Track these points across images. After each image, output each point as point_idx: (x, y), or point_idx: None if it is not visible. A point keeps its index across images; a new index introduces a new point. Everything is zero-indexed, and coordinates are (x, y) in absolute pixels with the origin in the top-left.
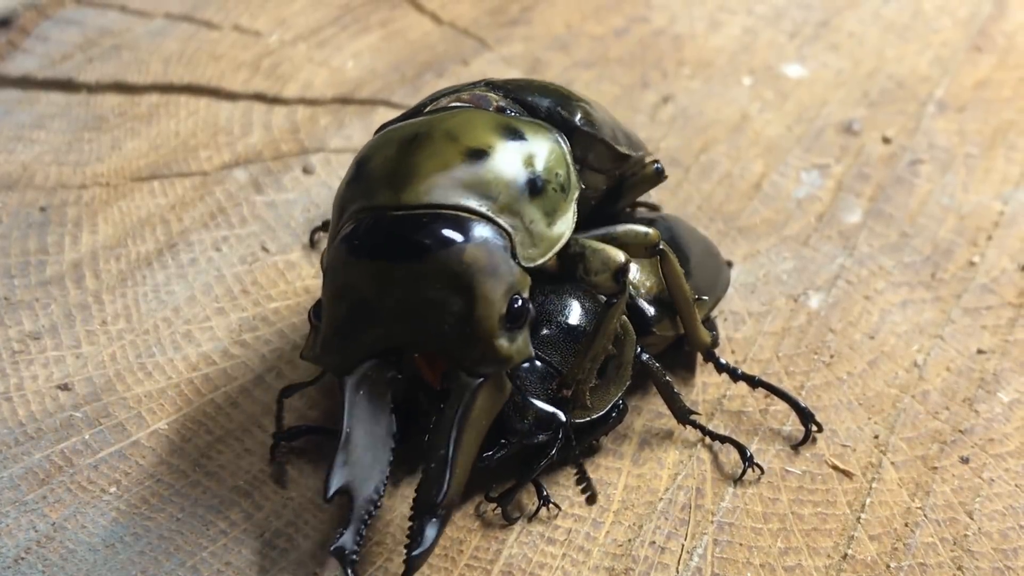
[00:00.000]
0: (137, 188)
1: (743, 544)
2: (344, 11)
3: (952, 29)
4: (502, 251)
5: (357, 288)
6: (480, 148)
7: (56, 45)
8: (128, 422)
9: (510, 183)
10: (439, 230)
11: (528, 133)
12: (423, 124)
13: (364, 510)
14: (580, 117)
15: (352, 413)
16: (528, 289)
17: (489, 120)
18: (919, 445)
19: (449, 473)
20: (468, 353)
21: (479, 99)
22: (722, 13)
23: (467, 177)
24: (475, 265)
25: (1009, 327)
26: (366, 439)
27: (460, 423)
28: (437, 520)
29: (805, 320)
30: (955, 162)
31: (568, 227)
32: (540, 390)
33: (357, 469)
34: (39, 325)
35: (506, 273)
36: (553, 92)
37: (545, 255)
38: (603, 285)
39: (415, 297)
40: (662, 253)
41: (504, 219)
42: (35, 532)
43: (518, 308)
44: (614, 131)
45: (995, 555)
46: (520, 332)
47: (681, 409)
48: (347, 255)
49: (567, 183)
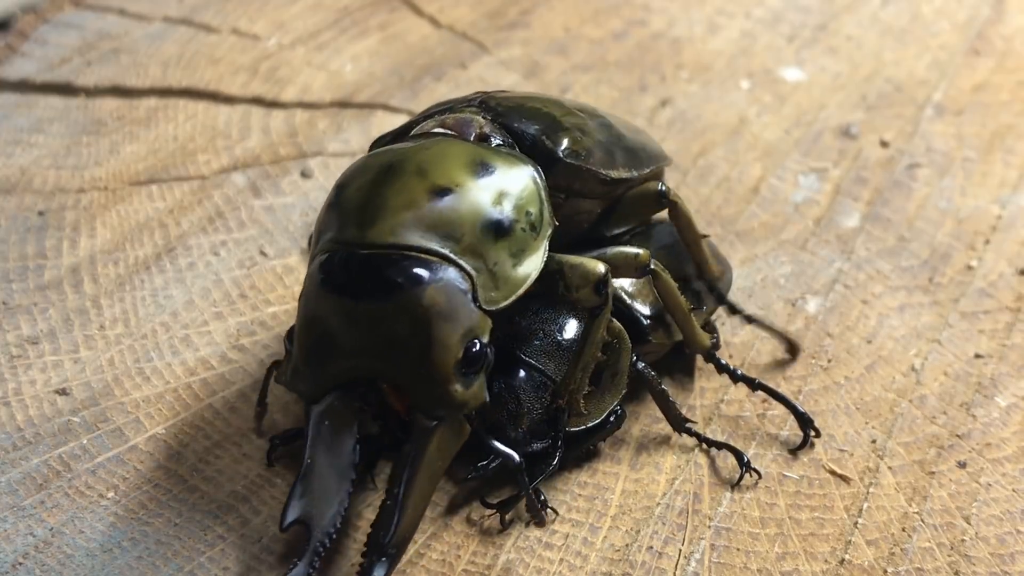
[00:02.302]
0: (135, 192)
1: (740, 549)
2: (342, 14)
3: (950, 33)
4: (461, 295)
5: (324, 321)
6: (447, 187)
7: (54, 49)
8: (126, 427)
9: (475, 223)
10: (400, 272)
11: (501, 169)
12: (399, 154)
13: (319, 541)
14: (565, 147)
15: (315, 443)
16: (489, 332)
17: (462, 155)
18: (916, 450)
19: (399, 514)
20: (424, 395)
21: (463, 124)
22: (720, 17)
23: (432, 217)
24: (433, 309)
25: (1007, 331)
26: (327, 469)
27: (413, 464)
28: (386, 561)
29: (803, 324)
30: (953, 166)
31: (536, 267)
32: (535, 399)
33: (316, 500)
34: (37, 330)
35: (464, 317)
36: (545, 116)
37: (508, 298)
38: (585, 299)
39: (375, 336)
40: (654, 272)
41: (467, 261)
42: (33, 537)
43: (475, 353)
44: (610, 154)
45: (992, 560)
46: (476, 377)
47: (677, 417)
48: (317, 287)
49: (538, 222)
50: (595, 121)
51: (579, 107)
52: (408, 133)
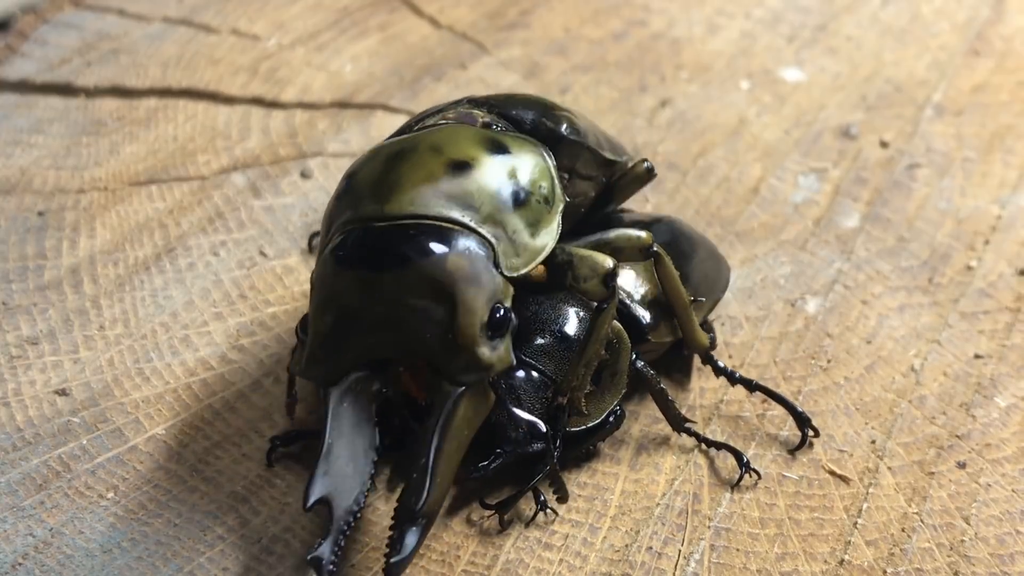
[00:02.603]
0: (135, 193)
1: (740, 549)
2: (342, 15)
3: (950, 33)
4: (484, 260)
5: (343, 299)
6: (464, 160)
7: (54, 49)
8: (126, 427)
9: (493, 194)
10: (422, 240)
11: (512, 147)
12: (409, 140)
13: (343, 520)
14: (565, 127)
15: (335, 424)
16: (511, 298)
17: (473, 134)
18: (916, 450)
19: (429, 481)
20: (450, 361)
21: (465, 116)
22: (720, 17)
23: (450, 188)
24: (457, 274)
25: (1006, 332)
26: (348, 450)
27: (441, 431)
28: (417, 528)
29: (802, 325)
30: (952, 166)
31: (552, 238)
32: (536, 399)
33: (338, 480)
34: (37, 330)
35: (488, 282)
36: (536, 105)
37: (528, 264)
38: (593, 291)
39: (399, 306)
40: (656, 255)
41: (487, 229)
42: (33, 537)
43: (500, 317)
44: (598, 138)
45: (992, 560)
46: (502, 340)
47: (676, 417)
48: (334, 266)
49: (551, 195)
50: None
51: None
52: (409, 131)
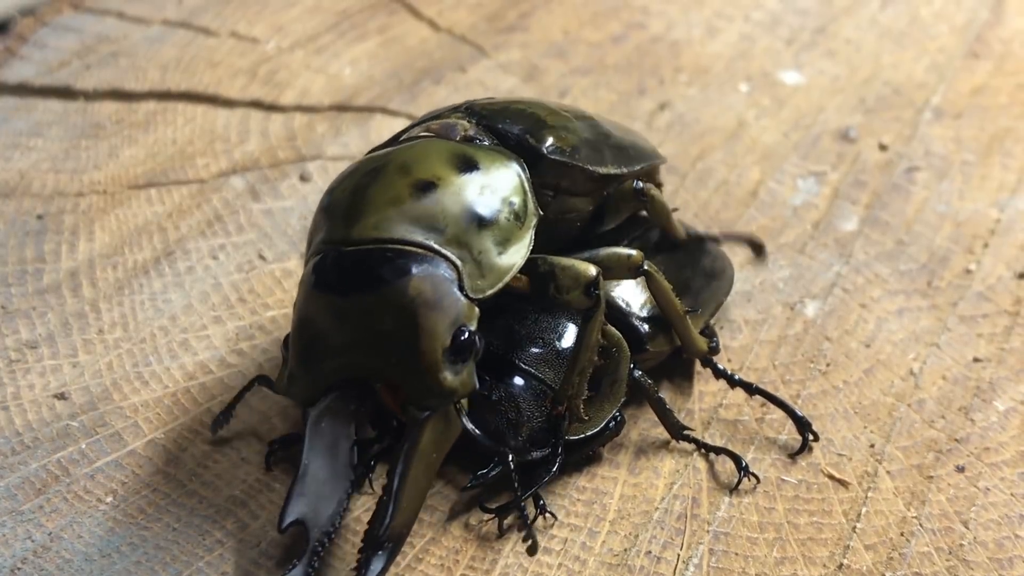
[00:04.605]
0: (134, 196)
1: (739, 554)
2: (341, 18)
3: (949, 35)
4: (447, 284)
5: (315, 321)
6: (429, 180)
7: (53, 52)
8: (125, 431)
9: (458, 215)
10: (384, 265)
11: (483, 163)
12: (384, 157)
13: (318, 542)
14: (550, 144)
15: (311, 444)
16: (476, 321)
17: (444, 151)
18: (915, 454)
19: (393, 506)
20: (414, 386)
21: (447, 128)
22: (719, 20)
23: (415, 210)
24: (418, 299)
25: (1005, 335)
26: (324, 471)
27: (406, 456)
28: (384, 553)
29: (801, 328)
30: (951, 169)
31: (522, 256)
32: (536, 408)
33: (313, 500)
34: (36, 334)
35: (451, 306)
36: (529, 116)
37: (494, 286)
38: (576, 302)
39: (365, 330)
40: (647, 274)
41: (451, 251)
42: (31, 542)
43: (463, 341)
44: (597, 151)
45: (990, 565)
46: (465, 365)
47: (675, 425)
48: (307, 289)
49: (522, 211)
50: (582, 121)
51: (566, 108)
52: (397, 141)
